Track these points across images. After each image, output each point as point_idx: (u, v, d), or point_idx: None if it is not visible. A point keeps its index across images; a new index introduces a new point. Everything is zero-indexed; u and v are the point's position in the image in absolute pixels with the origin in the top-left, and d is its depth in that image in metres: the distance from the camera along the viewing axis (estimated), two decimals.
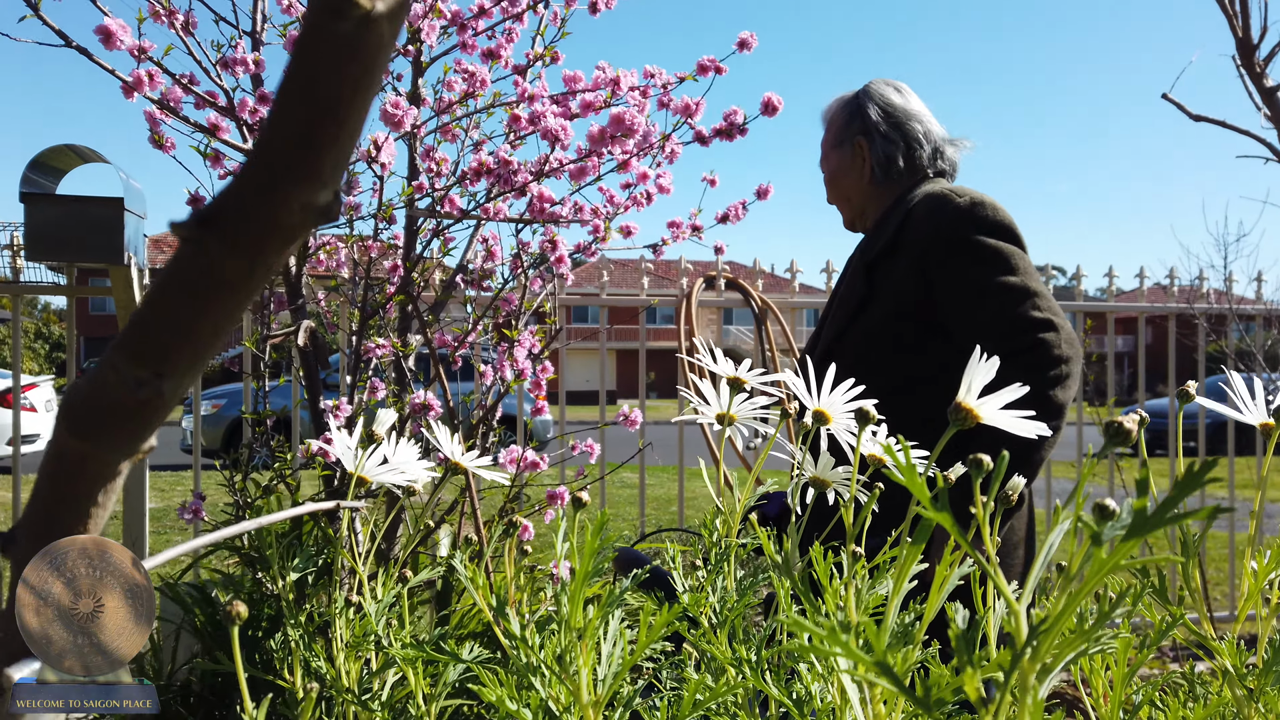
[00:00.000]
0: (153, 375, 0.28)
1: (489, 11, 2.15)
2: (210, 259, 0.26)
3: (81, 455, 0.31)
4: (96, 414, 0.30)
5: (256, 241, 0.26)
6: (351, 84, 0.24)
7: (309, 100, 0.24)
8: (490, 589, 0.70)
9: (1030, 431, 0.61)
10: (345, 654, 0.82)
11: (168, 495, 7.91)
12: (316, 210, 0.25)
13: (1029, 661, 0.41)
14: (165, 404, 0.29)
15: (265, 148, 0.25)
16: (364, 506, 0.74)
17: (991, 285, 1.63)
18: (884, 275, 1.76)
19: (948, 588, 0.56)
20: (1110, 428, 0.50)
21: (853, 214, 1.97)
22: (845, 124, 1.92)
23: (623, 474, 9.41)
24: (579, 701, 0.65)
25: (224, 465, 2.52)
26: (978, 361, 0.59)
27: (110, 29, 1.92)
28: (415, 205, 2.25)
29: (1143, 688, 0.61)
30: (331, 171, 0.25)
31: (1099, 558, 0.38)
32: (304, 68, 0.23)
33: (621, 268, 3.99)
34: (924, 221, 1.73)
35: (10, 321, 3.17)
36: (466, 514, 2.50)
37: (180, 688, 2.50)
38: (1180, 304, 4.26)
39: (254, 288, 0.27)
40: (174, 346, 0.28)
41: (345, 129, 0.24)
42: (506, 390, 2.30)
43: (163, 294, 0.27)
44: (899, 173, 1.86)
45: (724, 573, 0.82)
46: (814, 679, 0.70)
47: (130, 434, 0.31)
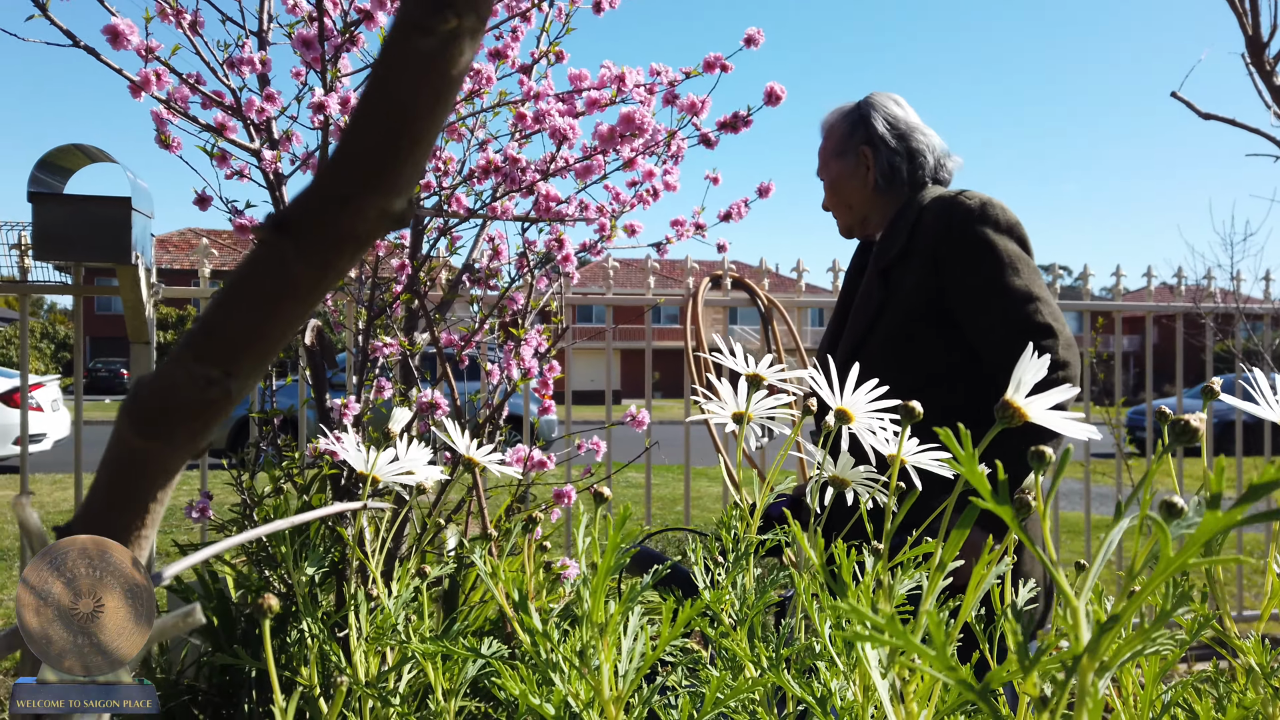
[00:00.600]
0: (222, 375, 0.28)
1: (494, 10, 2.15)
2: (285, 264, 0.26)
3: (146, 453, 0.31)
4: (163, 413, 0.30)
5: (332, 248, 0.26)
6: (432, 98, 0.24)
7: (390, 112, 0.24)
8: (519, 581, 0.70)
9: (1082, 433, 0.61)
10: (366, 648, 0.82)
11: (175, 494, 7.92)
12: (392, 217, 0.26)
13: (1088, 660, 0.41)
14: (231, 403, 0.30)
15: (345, 157, 0.25)
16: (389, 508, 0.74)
17: (997, 286, 1.70)
18: (899, 278, 1.83)
19: (984, 586, 0.56)
20: (1176, 427, 0.51)
21: (852, 220, 2.04)
22: (848, 133, 1.99)
23: (629, 474, 9.41)
24: (600, 697, 0.65)
25: (231, 465, 2.53)
26: (1029, 358, 0.59)
27: (118, 29, 1.93)
28: (422, 204, 2.26)
29: (1171, 689, 0.62)
30: (408, 181, 0.26)
31: (1166, 556, 0.38)
32: (387, 81, 0.24)
33: (627, 267, 4.00)
34: (935, 221, 1.79)
35: (17, 321, 3.18)
36: (473, 513, 2.50)
37: (188, 687, 2.50)
38: (1187, 303, 4.26)
39: (324, 292, 0.27)
40: (244, 347, 0.28)
41: (423, 141, 0.25)
42: (513, 389, 2.31)
43: (235, 296, 0.27)
44: (902, 182, 1.94)
45: (744, 570, 0.82)
46: (834, 676, 0.70)
47: (195, 432, 0.31)
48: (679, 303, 3.55)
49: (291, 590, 2.11)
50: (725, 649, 0.75)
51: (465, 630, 2.45)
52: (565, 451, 2.98)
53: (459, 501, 2.43)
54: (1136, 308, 4.21)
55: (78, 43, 1.99)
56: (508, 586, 0.64)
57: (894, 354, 1.81)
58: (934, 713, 0.53)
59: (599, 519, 0.68)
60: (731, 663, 0.75)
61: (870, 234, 2.03)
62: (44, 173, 2.65)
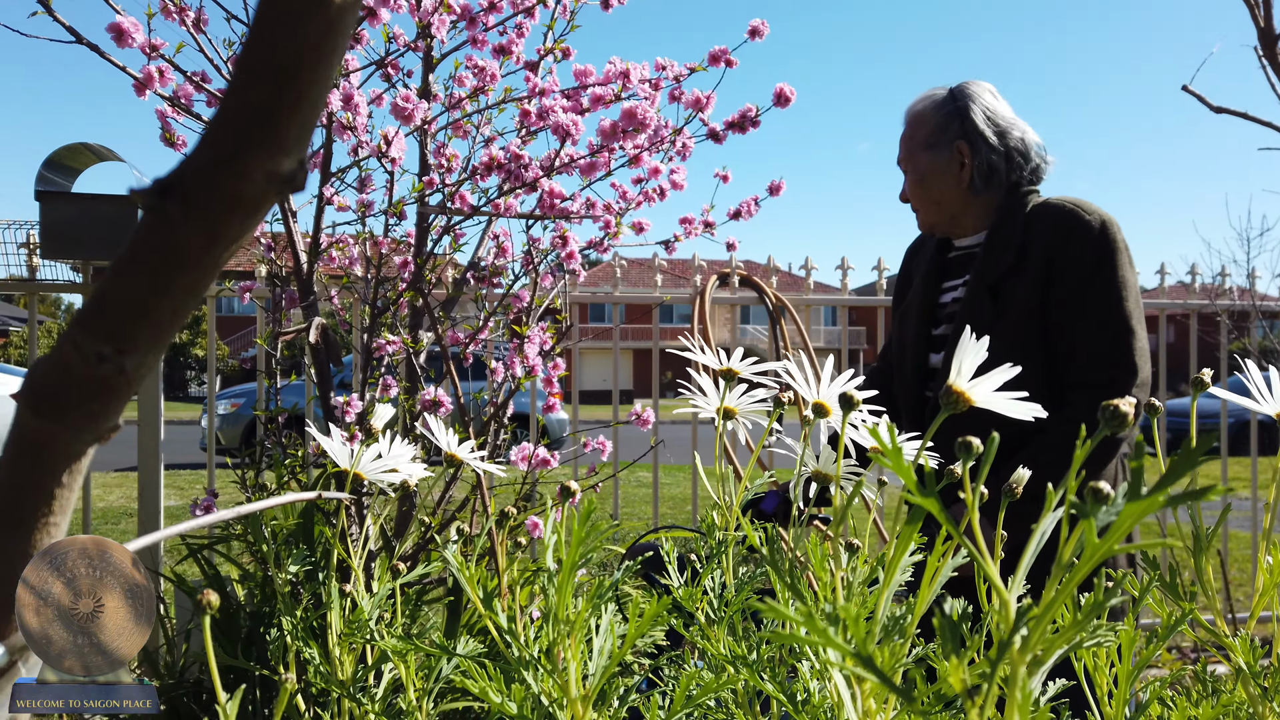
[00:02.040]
0: (114, 351, 0.27)
1: (499, 6, 2.14)
2: (171, 231, 0.25)
3: (44, 434, 0.30)
4: (57, 392, 0.29)
5: (219, 212, 0.25)
6: (314, 48, 0.23)
7: (270, 64, 0.23)
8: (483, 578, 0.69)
9: (1027, 414, 0.60)
10: (340, 646, 0.81)
11: (186, 494, 7.97)
12: (280, 179, 0.24)
13: (1019, 652, 0.39)
14: (129, 381, 0.28)
15: (226, 115, 0.24)
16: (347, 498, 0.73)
17: (1106, 312, 1.68)
18: (1010, 293, 1.76)
19: (940, 580, 0.55)
20: (1106, 411, 0.48)
21: (940, 218, 1.93)
22: (942, 125, 1.88)
23: (637, 473, 9.40)
24: (568, 696, 0.64)
25: (236, 463, 2.53)
26: (968, 341, 0.57)
27: (123, 26, 1.93)
28: (426, 201, 2.25)
29: (1150, 684, 0.60)
30: (295, 139, 0.24)
31: (1091, 543, 0.36)
32: (264, 31, 0.23)
33: (635, 266, 3.99)
34: (1052, 235, 1.74)
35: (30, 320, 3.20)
36: (478, 512, 2.49)
37: (193, 684, 2.50)
38: (1202, 301, 4.21)
39: (218, 260, 0.26)
40: (135, 321, 0.27)
41: (308, 94, 0.23)
42: (518, 387, 2.30)
43: (124, 267, 0.26)
44: (1000, 182, 1.85)
45: (722, 567, 0.80)
46: (813, 676, 0.69)
47: (93, 412, 0.30)
48: (688, 301, 3.53)
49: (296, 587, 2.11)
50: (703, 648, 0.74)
51: (469, 630, 2.44)
52: (571, 450, 2.96)
53: (464, 499, 2.42)
54: (1150, 305, 4.16)
55: (81, 39, 1.99)
56: (472, 585, 0.62)
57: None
58: (894, 711, 0.52)
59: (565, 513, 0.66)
60: (711, 661, 0.74)
61: (957, 234, 1.95)
62: (51, 171, 2.66)
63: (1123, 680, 0.55)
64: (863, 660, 0.35)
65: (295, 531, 2.46)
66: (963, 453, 0.51)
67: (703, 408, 0.88)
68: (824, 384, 0.75)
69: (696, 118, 2.15)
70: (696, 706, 0.69)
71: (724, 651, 0.69)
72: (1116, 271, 1.69)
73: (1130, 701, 0.62)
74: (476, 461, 0.92)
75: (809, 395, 0.83)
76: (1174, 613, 0.55)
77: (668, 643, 0.98)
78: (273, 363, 2.51)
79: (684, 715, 0.63)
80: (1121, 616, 1.53)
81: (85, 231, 2.62)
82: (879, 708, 0.50)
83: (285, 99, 0.23)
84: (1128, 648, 0.55)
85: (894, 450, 0.44)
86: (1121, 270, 1.70)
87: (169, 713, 2.46)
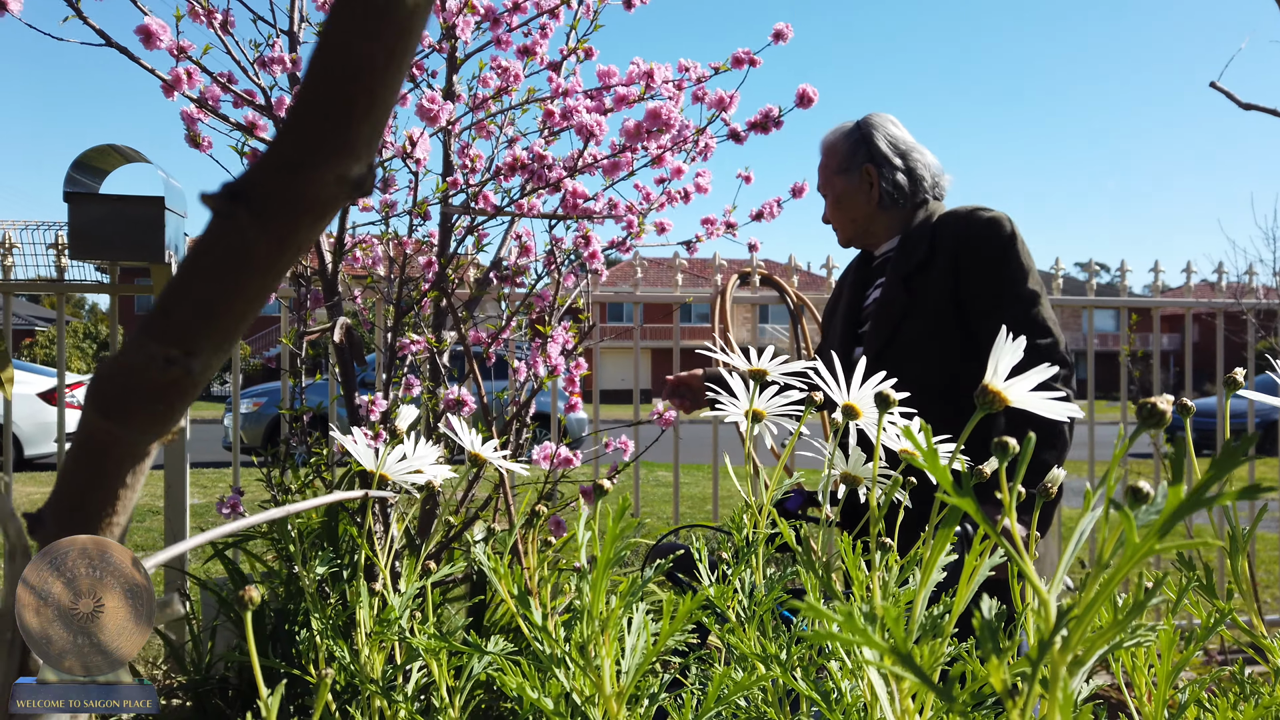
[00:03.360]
0: (181, 354, 0.27)
1: (523, 7, 2.15)
2: (241, 234, 0.25)
3: (109, 436, 0.31)
4: (124, 394, 0.29)
5: (289, 217, 0.25)
6: (386, 52, 0.23)
7: (342, 70, 0.23)
8: (518, 577, 0.69)
9: (1062, 413, 0.60)
10: (369, 645, 0.82)
11: (210, 492, 8.03)
12: (350, 183, 0.25)
13: (1059, 652, 0.39)
14: (194, 383, 0.29)
15: (297, 120, 0.24)
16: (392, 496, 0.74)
17: (1011, 290, 1.88)
18: (921, 284, 1.97)
19: (977, 579, 0.54)
20: (1144, 409, 0.48)
21: (855, 232, 2.16)
22: (851, 152, 2.12)
23: (657, 472, 9.40)
24: (602, 693, 0.64)
25: (262, 462, 2.55)
26: (1003, 342, 0.57)
27: (151, 29, 1.95)
28: (450, 202, 2.26)
29: (1189, 685, 0.59)
30: (366, 144, 0.24)
31: (1132, 543, 0.36)
32: (337, 36, 0.23)
33: (656, 266, 3.98)
34: (956, 232, 1.95)
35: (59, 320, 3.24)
36: (501, 510, 2.50)
37: (219, 681, 2.53)
38: (1228, 300, 4.16)
39: (285, 265, 0.26)
40: (203, 325, 0.27)
41: (379, 100, 0.24)
42: (540, 387, 2.30)
43: (192, 271, 0.26)
44: (905, 198, 2.08)
45: (752, 566, 0.80)
46: (845, 675, 0.68)
47: (158, 414, 0.30)
48: (708, 300, 3.53)
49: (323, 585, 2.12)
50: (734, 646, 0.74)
51: (492, 627, 2.45)
52: (592, 450, 2.96)
53: (487, 498, 2.43)
54: (1176, 304, 4.12)
55: (111, 42, 2.01)
56: (506, 584, 0.63)
57: (922, 354, 1.94)
58: (933, 710, 0.51)
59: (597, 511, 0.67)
60: (741, 660, 0.74)
61: (872, 245, 2.16)
62: (79, 173, 2.69)
63: (1162, 681, 0.54)
64: (902, 659, 0.35)
65: (320, 530, 2.47)
66: (999, 452, 0.51)
67: (729, 410, 0.88)
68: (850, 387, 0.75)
69: (719, 118, 2.15)
70: (726, 705, 0.70)
71: (755, 650, 0.69)
72: (1018, 256, 1.90)
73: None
74: (500, 461, 0.92)
75: (839, 397, 0.83)
76: (1212, 613, 0.55)
77: (697, 640, 0.98)
78: (298, 362, 2.52)
79: (715, 714, 0.63)
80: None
81: (113, 232, 2.65)
82: (916, 707, 0.49)
83: (357, 103, 0.23)
84: (1167, 648, 0.54)
85: (930, 452, 0.44)
86: (1022, 254, 1.91)
87: (195, 708, 2.48)
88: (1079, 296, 4.02)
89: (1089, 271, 4.08)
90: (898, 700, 0.49)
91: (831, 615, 0.39)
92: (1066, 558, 0.46)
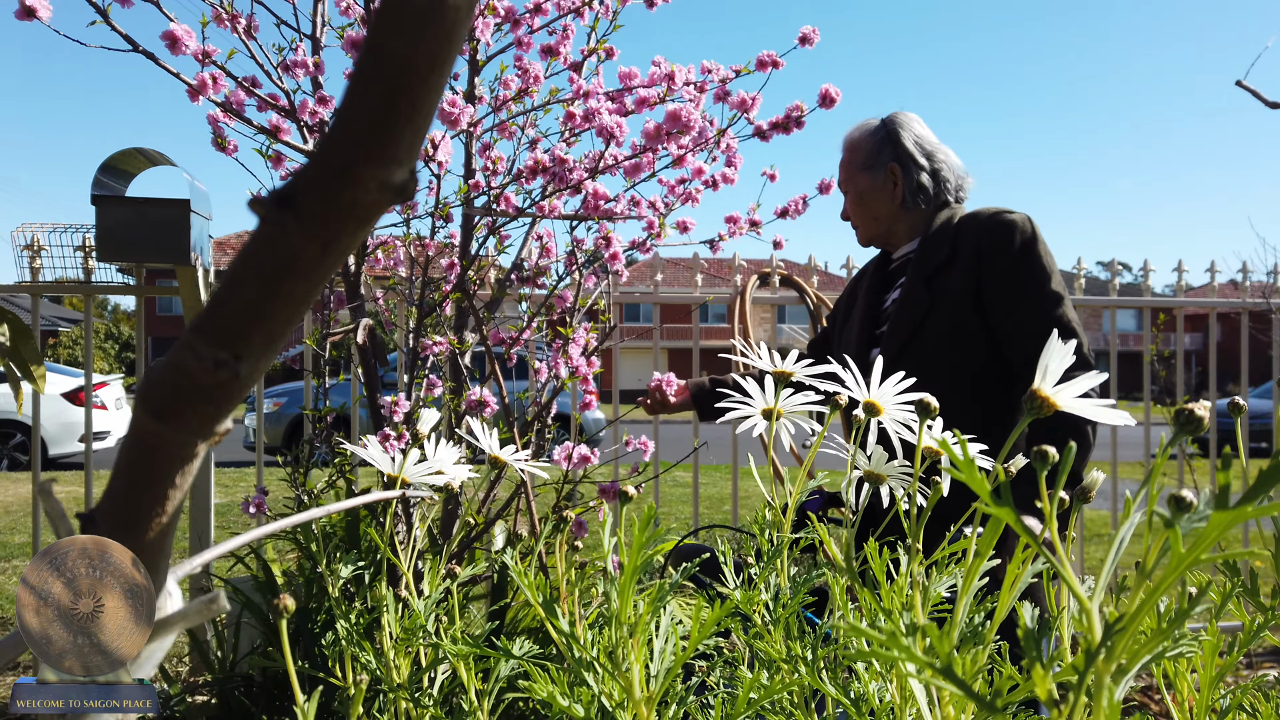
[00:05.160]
0: (230, 356, 0.28)
1: (544, 8, 2.16)
2: (287, 240, 0.26)
3: (159, 437, 0.31)
4: (174, 396, 0.30)
5: (333, 221, 0.25)
6: (428, 59, 0.23)
7: (385, 76, 0.24)
8: (542, 585, 0.69)
9: (1118, 420, 0.59)
10: (395, 649, 0.82)
11: (231, 491, 8.10)
12: (392, 189, 0.25)
13: (1104, 661, 0.39)
14: (242, 385, 0.29)
15: (342, 126, 0.24)
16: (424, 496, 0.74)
17: (1035, 290, 1.87)
18: (943, 284, 1.96)
19: (1019, 586, 0.54)
20: (1181, 415, 0.48)
21: (876, 231, 2.15)
22: (876, 150, 2.10)
23: (676, 473, 9.39)
24: (631, 698, 0.64)
25: (286, 462, 2.57)
26: (1054, 345, 0.57)
27: (176, 34, 1.97)
28: (471, 203, 2.27)
29: (1231, 691, 0.59)
30: (408, 150, 0.25)
31: (1176, 552, 0.36)
32: (380, 43, 0.23)
33: (674, 266, 3.98)
34: (979, 233, 1.94)
35: (82, 322, 3.27)
36: (522, 511, 2.51)
37: (243, 679, 2.55)
38: (1254, 299, 4.12)
39: (330, 268, 0.27)
40: (251, 327, 0.28)
41: (421, 106, 0.24)
42: (561, 387, 2.31)
43: (240, 275, 0.27)
44: (928, 199, 2.07)
45: (777, 569, 0.80)
46: (872, 678, 0.68)
47: (207, 415, 0.31)
48: (727, 301, 3.52)
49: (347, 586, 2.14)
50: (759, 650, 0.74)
51: (513, 629, 2.45)
52: (612, 449, 2.97)
53: (508, 498, 2.44)
54: (1200, 304, 4.08)
55: (137, 48, 2.03)
56: (534, 590, 0.63)
57: (944, 353, 1.92)
58: (972, 714, 0.51)
59: (626, 518, 0.67)
60: (767, 663, 0.74)
61: (892, 246, 2.15)
62: (106, 176, 2.72)
63: (1205, 687, 0.54)
64: (948, 675, 0.35)
65: (341, 530, 2.49)
66: (1039, 461, 0.51)
67: (747, 413, 0.88)
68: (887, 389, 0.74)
69: (742, 118, 2.14)
70: (752, 707, 0.70)
71: (782, 653, 0.69)
72: (1040, 258, 1.89)
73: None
74: (521, 464, 0.93)
75: (860, 396, 0.83)
76: (1255, 617, 0.54)
77: (725, 643, 0.98)
78: (321, 363, 2.54)
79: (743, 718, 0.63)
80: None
81: (139, 235, 2.68)
82: (958, 712, 0.49)
83: (400, 110, 0.24)
84: (1210, 654, 0.54)
85: (967, 462, 0.43)
86: (1044, 256, 1.90)
87: (220, 704, 2.51)
88: (1101, 297, 3.99)
89: (1111, 271, 4.05)
90: (939, 708, 0.49)
91: (875, 635, 0.39)
92: (1109, 566, 0.45)
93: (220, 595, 0.38)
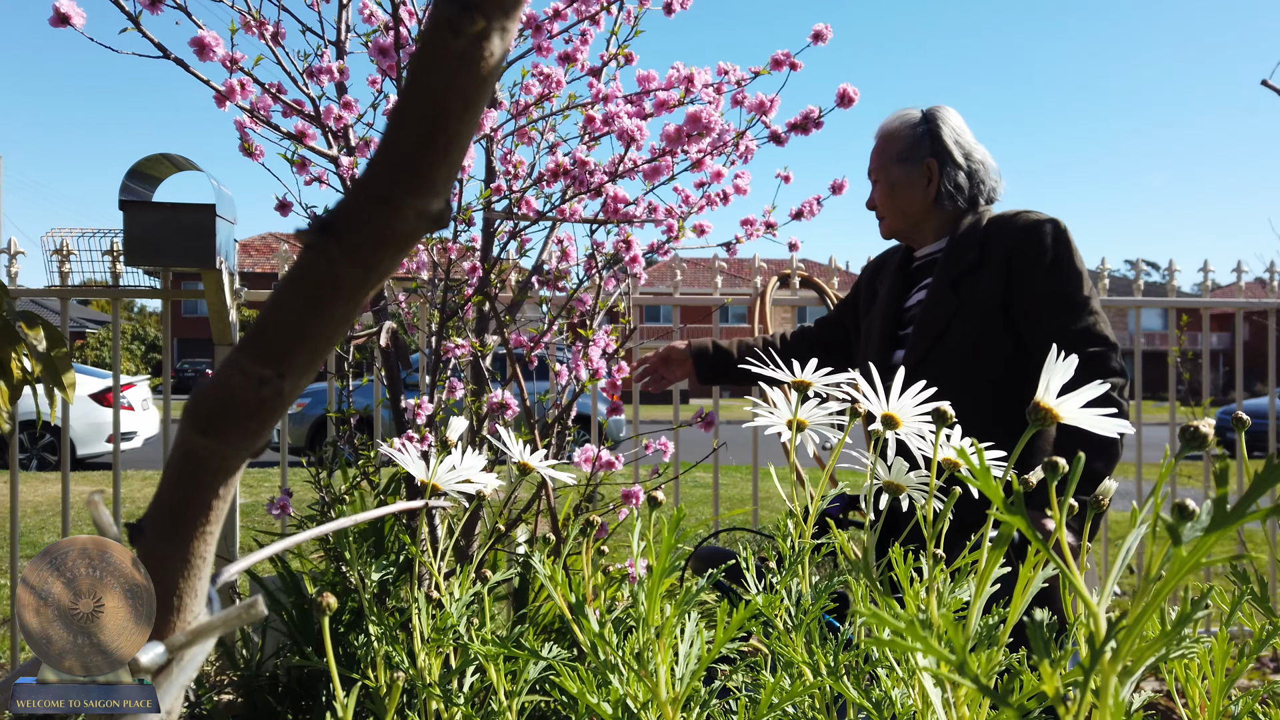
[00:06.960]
0: (274, 374, 0.30)
1: (564, 14, 2.17)
2: (330, 265, 0.27)
3: (206, 451, 0.33)
4: (221, 411, 0.32)
5: (373, 248, 0.27)
6: (464, 98, 0.25)
7: (424, 114, 0.25)
8: (569, 587, 0.71)
9: (1113, 429, 0.60)
10: (426, 650, 0.84)
11: (255, 491, 8.18)
12: (430, 217, 0.27)
13: (1109, 662, 0.40)
14: (284, 402, 0.31)
15: (383, 159, 0.26)
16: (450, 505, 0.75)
17: (1066, 297, 1.84)
18: (969, 287, 1.93)
19: (1031, 591, 0.55)
20: (1186, 432, 0.48)
21: (903, 225, 2.10)
22: (914, 142, 2.05)
23: (696, 474, 9.39)
24: (657, 699, 0.65)
25: (310, 463, 2.60)
26: (1054, 362, 0.58)
27: (205, 41, 2.00)
28: (493, 208, 2.29)
29: (1242, 698, 0.59)
30: (444, 181, 0.26)
31: (1179, 557, 0.37)
32: (420, 83, 0.25)
33: (694, 267, 4.00)
34: (1008, 237, 1.92)
35: (110, 324, 3.32)
36: (543, 512, 2.52)
37: (269, 678, 2.58)
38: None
39: (368, 292, 0.28)
40: (294, 347, 0.29)
41: (457, 141, 0.26)
42: (581, 390, 2.33)
43: (285, 298, 0.28)
44: (962, 198, 2.03)
45: (799, 575, 0.81)
46: (894, 683, 0.69)
47: (251, 430, 0.32)
48: (746, 302, 3.53)
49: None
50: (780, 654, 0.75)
51: (536, 628, 2.47)
52: (633, 451, 2.98)
53: (529, 500, 2.46)
54: (1226, 304, 4.04)
55: (168, 54, 2.06)
56: (564, 591, 0.64)
57: (969, 357, 1.90)
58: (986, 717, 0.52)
59: (651, 523, 0.68)
60: (788, 667, 0.75)
61: (917, 243, 2.11)
62: (134, 181, 2.77)
63: (1215, 693, 0.55)
64: (960, 667, 0.36)
65: (368, 530, 2.51)
66: (1049, 471, 0.52)
67: (771, 420, 0.89)
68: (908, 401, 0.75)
69: (759, 121, 2.15)
70: (774, 710, 0.70)
71: (804, 658, 0.70)
72: (1072, 263, 1.86)
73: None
74: (547, 470, 0.94)
75: (878, 410, 0.83)
76: (1265, 624, 0.55)
77: (748, 647, 0.99)
78: (344, 365, 2.57)
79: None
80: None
81: (166, 239, 2.72)
82: (973, 714, 0.50)
83: (436, 145, 0.25)
84: (1220, 659, 0.55)
85: (982, 470, 0.44)
86: (1075, 260, 1.87)
87: (246, 704, 2.54)
88: (1126, 297, 3.96)
89: (1137, 270, 4.02)
90: (953, 708, 0.50)
91: (894, 622, 0.40)
92: (1115, 570, 0.46)
93: (259, 600, 0.39)
